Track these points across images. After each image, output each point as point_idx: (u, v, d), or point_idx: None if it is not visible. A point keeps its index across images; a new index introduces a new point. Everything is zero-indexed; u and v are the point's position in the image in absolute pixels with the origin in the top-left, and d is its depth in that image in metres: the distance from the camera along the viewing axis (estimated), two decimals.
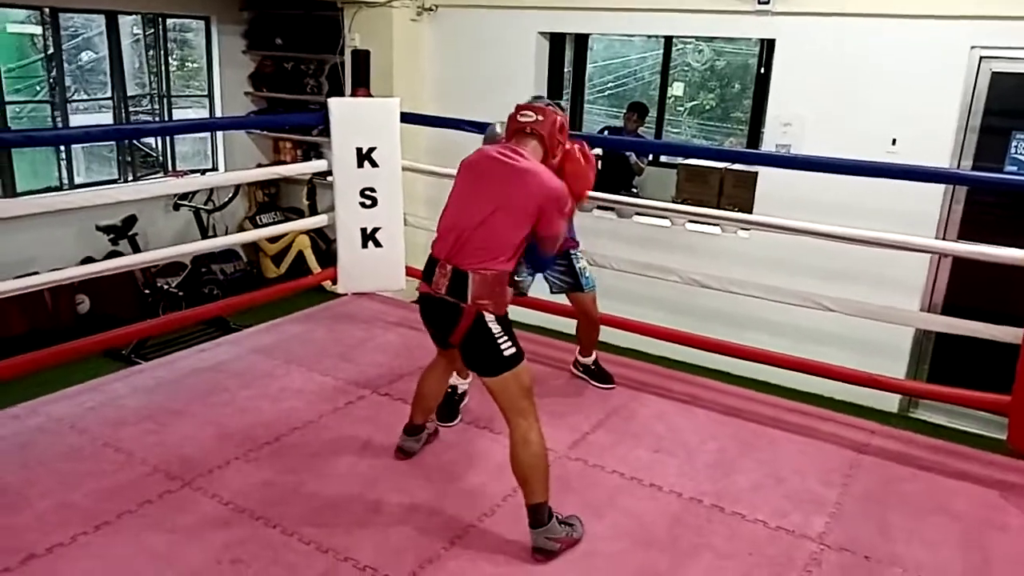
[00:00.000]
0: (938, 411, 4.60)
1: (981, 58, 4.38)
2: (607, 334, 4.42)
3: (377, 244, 4.32)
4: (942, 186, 4.46)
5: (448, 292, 2.50)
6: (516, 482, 2.51)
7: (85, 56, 6.91)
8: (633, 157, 6.42)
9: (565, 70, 6.66)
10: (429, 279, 2.57)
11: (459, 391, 3.36)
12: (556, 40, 6.19)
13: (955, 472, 3.16)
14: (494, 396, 2.54)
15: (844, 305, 3.71)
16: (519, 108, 2.69)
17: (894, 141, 4.53)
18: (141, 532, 2.52)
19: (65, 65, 6.28)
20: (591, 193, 3.20)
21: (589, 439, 3.25)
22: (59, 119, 6.18)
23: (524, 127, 2.65)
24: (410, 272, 4.63)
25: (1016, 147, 4.33)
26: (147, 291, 5.94)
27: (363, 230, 4.33)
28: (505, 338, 2.50)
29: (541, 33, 5.76)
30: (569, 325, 3.77)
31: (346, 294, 4.72)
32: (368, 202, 4.19)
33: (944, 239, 4.42)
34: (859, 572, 2.53)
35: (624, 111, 6.68)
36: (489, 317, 2.49)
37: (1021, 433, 3.18)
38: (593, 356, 3.77)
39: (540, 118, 2.65)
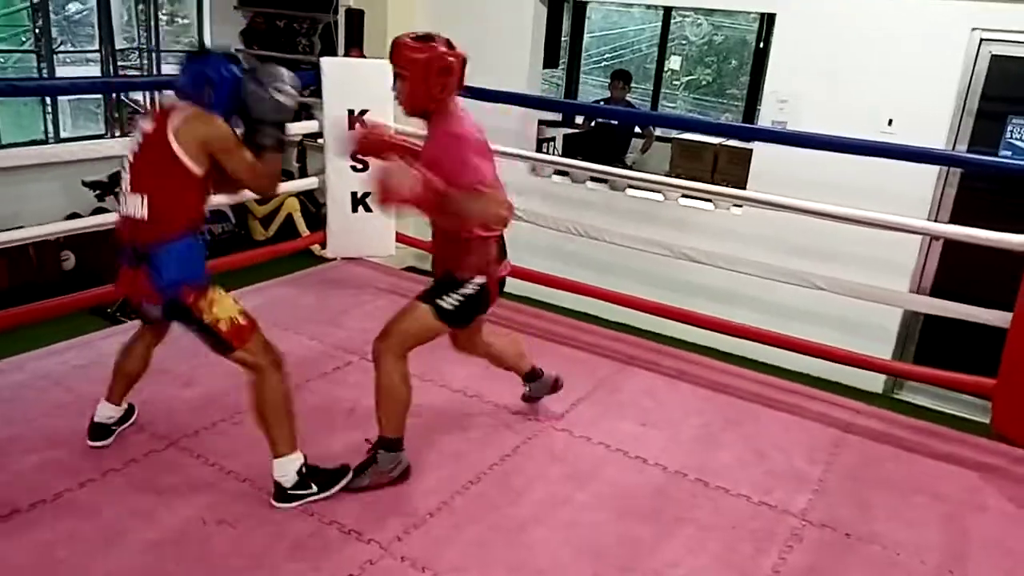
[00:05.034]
0: (923, 393, 4.62)
1: (981, 40, 4.34)
2: (597, 307, 4.44)
3: (368, 209, 4.27)
4: (936, 168, 4.45)
5: None
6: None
7: (73, 7, 6.74)
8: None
9: (562, 39, 6.57)
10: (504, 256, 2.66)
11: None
12: (554, 7, 6.08)
13: (938, 454, 3.20)
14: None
15: (834, 284, 3.72)
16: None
17: (890, 121, 4.50)
18: (126, 491, 2.51)
19: (52, 15, 6.13)
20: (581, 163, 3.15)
21: (576, 411, 3.26)
22: (45, 70, 6.04)
23: None
24: (400, 238, 4.59)
25: (1012, 132, 4.31)
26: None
27: (354, 194, 4.28)
28: None
29: None
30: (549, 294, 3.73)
31: (335, 259, 4.69)
32: (359, 166, 4.12)
33: (936, 222, 4.42)
34: (839, 548, 2.56)
35: (608, 81, 6.72)
36: None
37: (1005, 417, 3.21)
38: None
39: None
